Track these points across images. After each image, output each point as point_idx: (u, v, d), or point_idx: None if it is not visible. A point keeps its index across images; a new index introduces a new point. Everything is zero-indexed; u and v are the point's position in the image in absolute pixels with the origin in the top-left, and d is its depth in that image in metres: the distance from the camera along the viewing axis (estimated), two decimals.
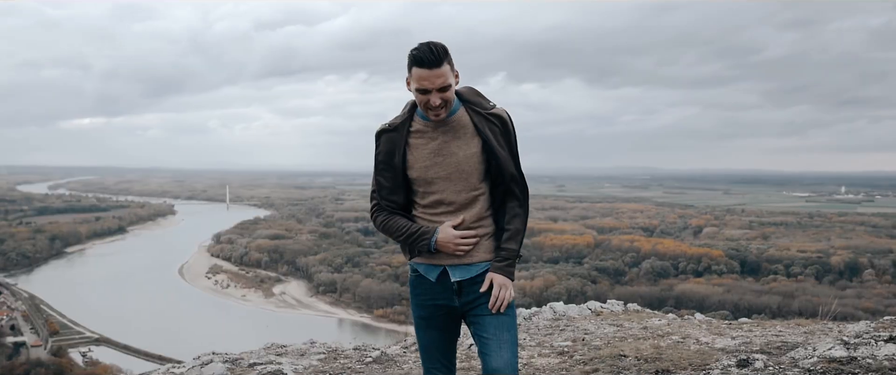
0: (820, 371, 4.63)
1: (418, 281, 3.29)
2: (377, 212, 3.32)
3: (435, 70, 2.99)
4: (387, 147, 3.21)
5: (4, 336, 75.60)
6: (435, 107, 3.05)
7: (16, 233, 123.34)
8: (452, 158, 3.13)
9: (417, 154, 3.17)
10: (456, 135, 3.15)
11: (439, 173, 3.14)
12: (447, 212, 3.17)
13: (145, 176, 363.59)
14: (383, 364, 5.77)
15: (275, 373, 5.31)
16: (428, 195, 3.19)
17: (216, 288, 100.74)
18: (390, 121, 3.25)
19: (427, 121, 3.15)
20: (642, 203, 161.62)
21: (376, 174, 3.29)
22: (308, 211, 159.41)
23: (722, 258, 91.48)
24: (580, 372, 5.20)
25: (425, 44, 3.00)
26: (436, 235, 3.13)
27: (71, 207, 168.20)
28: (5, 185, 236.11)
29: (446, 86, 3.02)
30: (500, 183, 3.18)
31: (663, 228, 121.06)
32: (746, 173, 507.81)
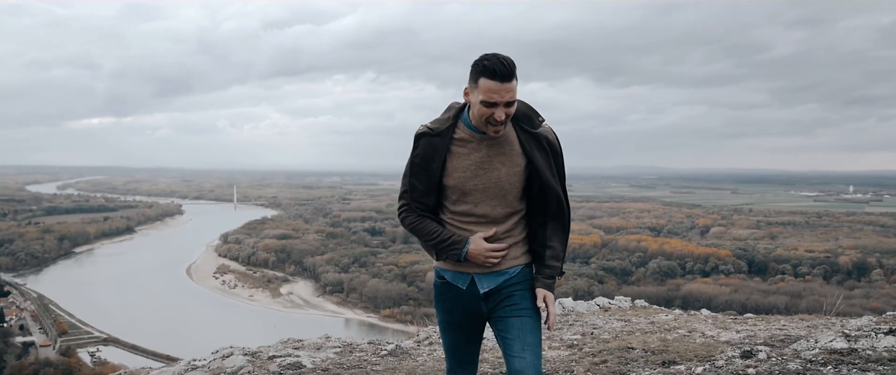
0: (821, 361, 4.80)
1: (445, 288, 3.25)
2: (406, 212, 3.22)
3: (506, 84, 2.93)
4: (426, 150, 3.12)
5: (14, 335, 75.88)
6: (499, 121, 2.98)
7: (25, 233, 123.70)
8: (494, 173, 3.08)
9: (458, 163, 3.10)
10: (501, 151, 3.09)
11: (478, 186, 3.09)
12: (478, 223, 3.12)
13: (153, 175, 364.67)
14: (398, 356, 5.92)
15: (294, 365, 5.49)
16: (461, 204, 3.13)
17: (224, 288, 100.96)
18: (433, 125, 3.16)
19: (473, 131, 3.08)
20: (649, 202, 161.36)
21: (411, 175, 3.18)
22: (315, 210, 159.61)
23: (729, 258, 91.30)
24: (589, 363, 5.32)
25: (495, 55, 2.94)
26: (467, 246, 3.09)
27: (79, 207, 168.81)
28: (14, 185, 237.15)
29: (513, 101, 2.97)
30: (540, 202, 3.16)
31: (670, 228, 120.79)
32: (754, 173, 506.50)
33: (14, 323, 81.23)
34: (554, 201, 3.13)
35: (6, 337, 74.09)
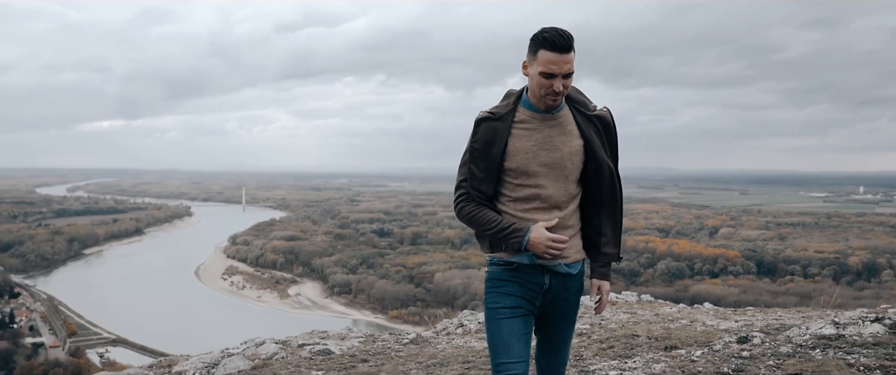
0: (810, 345, 5.08)
1: (508, 274, 3.11)
2: (464, 202, 3.14)
3: (565, 55, 2.91)
4: (487, 135, 3.07)
5: (24, 336, 76.10)
6: (558, 92, 2.97)
7: (35, 235, 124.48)
8: (557, 153, 3.05)
9: (520, 144, 3.06)
10: (562, 131, 3.08)
11: (541, 166, 3.05)
12: (540, 208, 3.07)
13: (163, 178, 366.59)
14: (419, 344, 6.17)
15: (323, 351, 5.73)
16: (523, 188, 3.07)
17: (232, 289, 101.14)
18: (493, 109, 3.14)
19: (534, 111, 3.07)
20: (658, 203, 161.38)
21: (469, 162, 3.11)
22: (323, 212, 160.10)
23: (738, 259, 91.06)
24: (598, 349, 5.63)
25: (554, 28, 2.93)
26: (529, 234, 3.01)
27: (89, 209, 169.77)
28: (25, 188, 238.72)
29: (571, 72, 2.96)
30: (595, 184, 3.11)
31: (679, 229, 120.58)
32: (764, 173, 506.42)
33: (24, 324, 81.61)
34: (608, 180, 3.10)
35: (16, 338, 74.46)
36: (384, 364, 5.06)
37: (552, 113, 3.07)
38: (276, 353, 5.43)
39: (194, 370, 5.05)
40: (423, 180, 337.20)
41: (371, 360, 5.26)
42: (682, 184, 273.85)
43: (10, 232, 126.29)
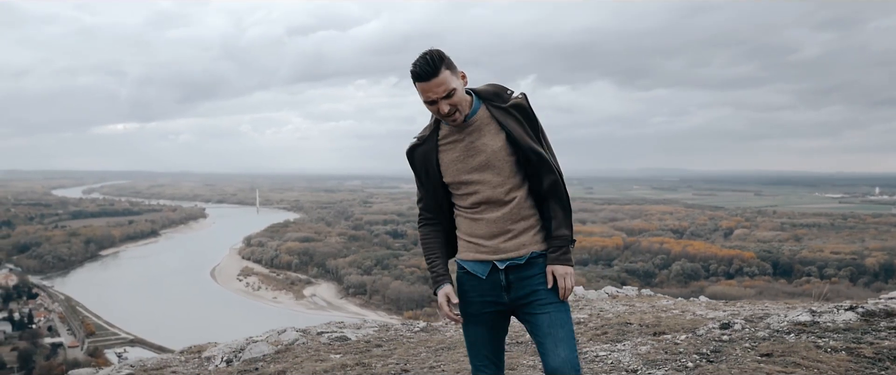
0: (786, 330, 5.42)
1: (465, 278, 3.24)
2: (421, 225, 3.32)
3: (433, 80, 2.97)
4: (420, 159, 3.20)
5: (42, 337, 76.86)
6: (446, 113, 3.03)
7: (51, 237, 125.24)
8: (481, 155, 3.10)
9: (448, 158, 3.15)
10: (481, 133, 3.12)
11: (471, 171, 3.12)
12: (488, 209, 3.13)
13: (177, 180, 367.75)
14: (429, 332, 6.57)
15: (340, 338, 6.17)
16: (466, 196, 3.15)
17: (248, 290, 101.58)
18: (419, 135, 3.24)
19: (452, 128, 3.15)
20: (672, 205, 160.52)
21: (418, 185, 3.26)
22: (337, 213, 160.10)
23: (753, 260, 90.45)
24: (592, 334, 6.01)
25: (420, 56, 2.99)
26: (438, 289, 3.17)
27: (104, 211, 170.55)
28: (41, 190, 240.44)
29: (450, 91, 3.00)
30: (532, 172, 3.13)
31: (693, 230, 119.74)
32: (778, 174, 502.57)
33: (42, 325, 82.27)
34: (538, 164, 3.11)
35: (35, 338, 75.21)
36: (396, 348, 5.44)
37: (466, 120, 3.12)
38: (297, 339, 5.87)
39: (222, 354, 5.48)
40: None
41: (384, 346, 5.63)
42: (696, 186, 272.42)
43: (27, 233, 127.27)
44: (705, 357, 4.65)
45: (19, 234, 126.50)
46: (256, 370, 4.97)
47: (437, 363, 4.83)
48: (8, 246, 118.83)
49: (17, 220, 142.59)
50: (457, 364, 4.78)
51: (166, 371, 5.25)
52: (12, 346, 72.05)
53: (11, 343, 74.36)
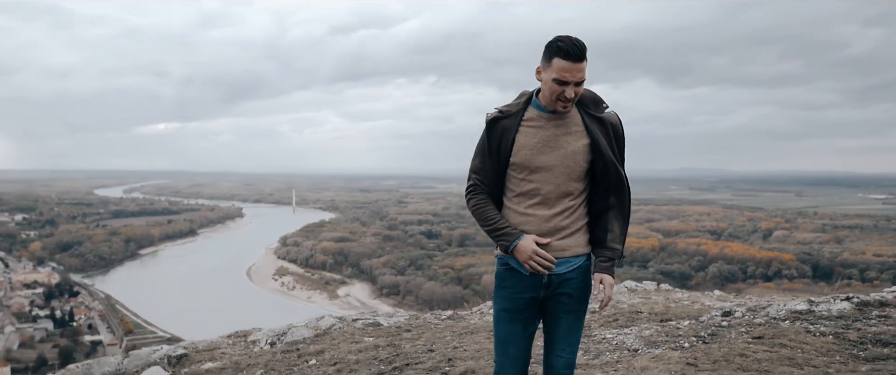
0: (783, 318, 5.80)
1: (507, 274, 3.29)
2: (473, 194, 3.32)
3: (578, 64, 3.06)
4: (499, 131, 3.24)
5: (83, 334, 78.45)
6: (569, 99, 3.11)
7: (93, 236, 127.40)
8: (560, 151, 3.17)
9: (526, 141, 3.19)
10: (567, 130, 3.20)
11: (544, 162, 3.18)
12: (540, 204, 3.19)
13: (215, 179, 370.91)
14: (455, 320, 7.01)
15: (374, 324, 6.67)
16: (526, 183, 3.21)
17: (283, 290, 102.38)
18: (504, 107, 3.29)
19: (542, 111, 3.21)
20: (709, 205, 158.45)
21: (480, 156, 3.30)
22: (372, 213, 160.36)
23: (793, 262, 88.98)
24: (604, 321, 6.41)
25: (569, 37, 3.09)
26: (517, 241, 3.15)
27: (144, 210, 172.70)
28: (83, 189, 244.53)
29: (583, 80, 3.11)
30: (602, 182, 3.23)
31: (731, 231, 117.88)
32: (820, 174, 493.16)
33: (83, 322, 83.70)
34: (615, 180, 3.22)
35: (75, 336, 76.76)
36: (424, 332, 5.93)
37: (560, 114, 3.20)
38: (334, 324, 6.38)
39: (266, 338, 6.02)
40: None
41: (413, 331, 6.11)
42: (735, 186, 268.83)
43: (69, 232, 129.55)
44: (702, 339, 5.06)
45: (62, 233, 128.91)
46: (297, 350, 5.49)
47: (459, 344, 5.30)
48: (51, 245, 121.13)
49: (60, 219, 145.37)
50: (477, 345, 5.24)
51: (216, 352, 5.78)
52: (54, 343, 73.54)
53: (53, 340, 75.88)
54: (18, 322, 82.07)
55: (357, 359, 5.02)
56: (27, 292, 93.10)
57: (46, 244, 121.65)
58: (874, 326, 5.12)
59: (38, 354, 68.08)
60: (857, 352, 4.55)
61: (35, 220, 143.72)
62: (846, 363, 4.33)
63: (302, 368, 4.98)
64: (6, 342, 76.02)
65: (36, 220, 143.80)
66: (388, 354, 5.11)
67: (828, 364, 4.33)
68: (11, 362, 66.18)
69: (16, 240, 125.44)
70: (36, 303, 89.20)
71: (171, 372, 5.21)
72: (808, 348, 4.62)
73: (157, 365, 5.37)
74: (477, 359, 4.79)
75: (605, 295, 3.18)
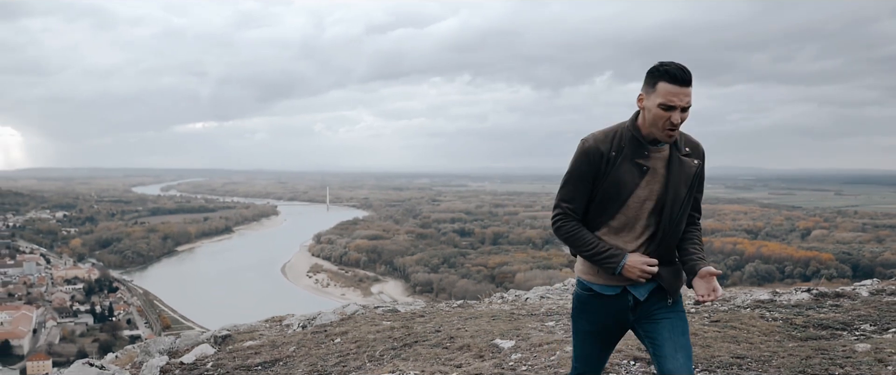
0: (745, 306, 6.31)
1: (589, 299, 3.26)
2: (563, 220, 3.22)
3: (685, 89, 3.01)
4: (594, 162, 3.12)
5: (122, 329, 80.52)
6: (675, 124, 3.02)
7: (131, 233, 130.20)
8: (655, 186, 3.11)
9: (628, 177, 3.09)
10: (667, 164, 3.12)
11: (649, 199, 3.12)
12: (635, 238, 3.16)
13: (251, 177, 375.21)
14: (465, 307, 7.68)
15: (392, 310, 7.39)
16: (620, 216, 3.15)
17: (317, 287, 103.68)
18: (602, 134, 3.18)
19: (640, 144, 3.12)
20: (746, 204, 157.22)
21: (572, 185, 3.19)
22: (405, 212, 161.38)
23: (832, 261, 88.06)
24: None
25: (673, 62, 3.03)
26: (624, 260, 3.09)
27: (181, 208, 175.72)
28: (122, 187, 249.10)
29: (688, 107, 3.04)
30: (691, 212, 3.29)
31: (768, 230, 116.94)
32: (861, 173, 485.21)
33: (122, 318, 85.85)
34: (699, 210, 3.34)
35: (115, 331, 78.79)
36: (435, 317, 6.74)
37: (659, 146, 3.12)
38: (357, 310, 7.28)
39: (298, 322, 6.91)
40: (504, 180, 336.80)
41: (426, 316, 6.90)
42: (773, 185, 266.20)
43: (109, 229, 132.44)
44: None
45: (101, 230, 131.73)
46: (325, 331, 6.36)
47: (462, 326, 6.12)
48: (91, 242, 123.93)
49: (99, 217, 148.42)
50: (477, 327, 6.06)
51: (255, 333, 6.69)
52: (94, 338, 75.45)
53: (93, 334, 77.89)
54: (60, 316, 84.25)
55: (375, 338, 5.88)
56: (68, 287, 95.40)
57: (86, 240, 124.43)
58: (823, 313, 5.83)
59: (78, 348, 69.54)
60: (796, 334, 5.24)
61: (75, 217, 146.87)
62: (781, 342, 5.01)
63: (328, 345, 5.84)
64: (48, 336, 78.12)
65: (76, 217, 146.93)
66: (402, 334, 5.96)
67: (762, 342, 5.02)
68: (53, 356, 67.74)
69: (57, 237, 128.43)
70: (76, 299, 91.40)
71: (217, 349, 6.10)
72: (754, 330, 5.34)
73: (205, 343, 6.27)
74: (474, 338, 5.63)
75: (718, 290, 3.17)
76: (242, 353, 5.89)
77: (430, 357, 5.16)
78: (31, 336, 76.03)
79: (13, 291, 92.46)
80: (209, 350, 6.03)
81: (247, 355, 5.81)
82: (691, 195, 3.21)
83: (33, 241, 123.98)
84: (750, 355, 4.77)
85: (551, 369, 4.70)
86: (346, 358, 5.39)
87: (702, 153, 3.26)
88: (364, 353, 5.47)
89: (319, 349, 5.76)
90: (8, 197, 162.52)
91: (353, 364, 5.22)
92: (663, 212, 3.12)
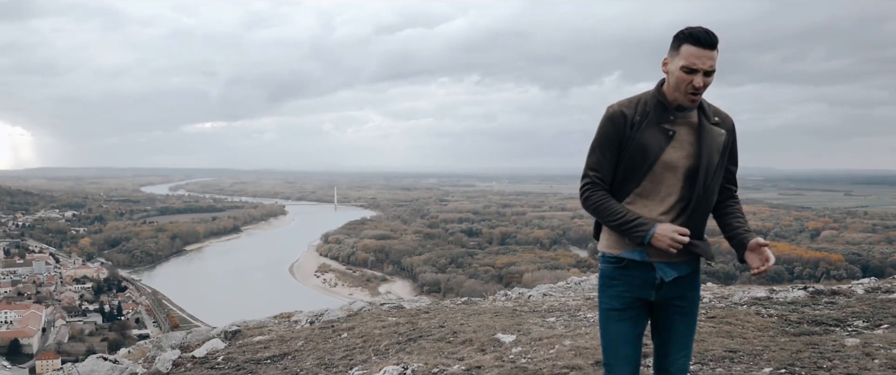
0: (742, 303, 6.46)
1: (617, 273, 3.15)
2: (591, 190, 3.13)
3: (709, 51, 2.96)
4: (619, 126, 3.08)
5: (130, 328, 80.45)
6: (698, 88, 2.98)
7: (140, 232, 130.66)
8: (682, 152, 3.05)
9: (649, 140, 3.04)
10: (695, 131, 3.07)
11: (676, 165, 3.05)
12: (666, 210, 3.09)
13: (259, 177, 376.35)
14: (469, 304, 7.87)
15: (398, 307, 7.63)
16: (647, 183, 3.08)
17: (325, 287, 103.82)
18: (627, 100, 3.14)
19: (666, 110, 3.08)
20: (755, 205, 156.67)
21: (599, 152, 3.12)
22: (413, 211, 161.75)
23: (841, 262, 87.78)
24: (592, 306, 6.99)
25: (700, 27, 3.00)
26: (654, 229, 2.98)
27: (189, 207, 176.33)
28: (131, 187, 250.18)
29: (713, 70, 2.99)
30: (726, 185, 3.24)
31: (777, 231, 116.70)
32: (871, 173, 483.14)
33: (130, 317, 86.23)
34: (735, 181, 3.28)
35: (123, 330, 78.68)
36: (439, 314, 6.92)
37: (686, 112, 3.08)
38: (364, 307, 7.47)
39: (306, 318, 7.10)
40: (512, 180, 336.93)
41: (431, 312, 7.09)
42: (782, 185, 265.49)
43: (117, 229, 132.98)
44: None
45: (110, 229, 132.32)
46: (332, 327, 6.55)
47: (465, 322, 6.30)
48: (100, 241, 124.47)
49: (108, 216, 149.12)
50: (480, 323, 6.24)
51: (265, 329, 6.88)
52: (102, 337, 75.63)
53: (102, 333, 78.10)
54: (69, 316, 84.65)
55: (381, 333, 6.07)
56: (77, 287, 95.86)
57: (95, 240, 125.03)
58: (818, 310, 5.97)
59: (87, 347, 69.70)
60: (789, 329, 5.39)
61: (84, 217, 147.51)
62: (774, 337, 5.15)
63: (335, 340, 6.03)
64: (57, 335, 78.52)
65: (85, 217, 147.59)
66: (407, 329, 6.14)
67: (756, 337, 5.17)
68: (62, 354, 67.97)
69: (66, 236, 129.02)
70: (85, 298, 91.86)
71: (228, 344, 6.29)
72: (749, 325, 5.49)
73: (216, 338, 6.46)
74: (476, 332, 5.80)
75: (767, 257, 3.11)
76: (252, 347, 6.07)
77: (433, 351, 5.34)
78: (40, 335, 76.34)
79: (23, 290, 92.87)
80: (220, 345, 6.22)
81: (256, 349, 6.00)
82: (723, 165, 3.15)
83: (43, 240, 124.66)
84: (742, 349, 4.93)
85: (550, 361, 4.85)
86: (353, 352, 5.58)
87: (731, 125, 3.20)
88: (370, 347, 5.66)
89: (327, 343, 5.95)
90: (18, 197, 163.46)
91: (359, 358, 5.41)
92: (696, 180, 3.05)
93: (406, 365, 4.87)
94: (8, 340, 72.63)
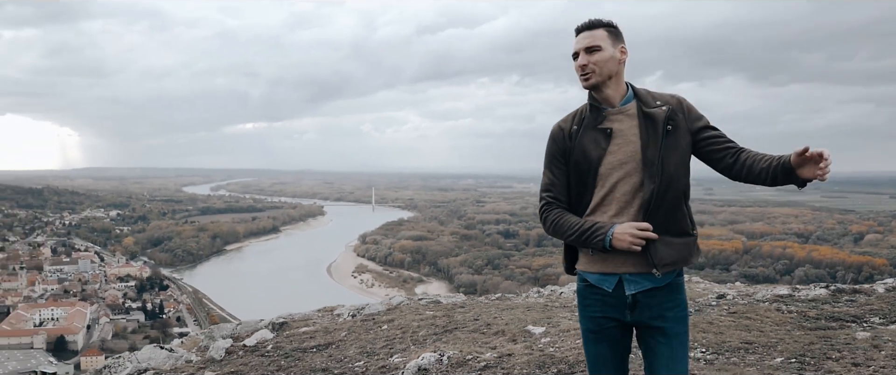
0: (765, 300, 6.62)
1: (587, 292, 3.03)
2: (547, 210, 3.04)
3: (585, 32, 2.96)
4: (559, 141, 3.03)
5: (171, 326, 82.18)
6: (583, 66, 2.94)
7: (181, 232, 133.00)
8: (628, 147, 2.91)
9: (590, 144, 2.94)
10: (632, 125, 2.94)
11: (625, 161, 2.91)
12: (626, 209, 2.90)
13: (298, 178, 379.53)
14: (503, 301, 8.15)
15: (435, 302, 7.96)
16: (602, 187, 2.94)
17: (361, 287, 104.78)
18: (568, 115, 3.09)
19: (600, 111, 2.99)
20: (797, 208, 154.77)
21: (549, 172, 3.06)
22: (450, 213, 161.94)
23: (885, 267, 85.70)
24: None
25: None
26: (612, 230, 2.82)
27: (230, 208, 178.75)
28: (173, 187, 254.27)
29: (593, 46, 2.92)
30: (724, 146, 2.97)
31: (820, 234, 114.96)
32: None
33: (172, 315, 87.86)
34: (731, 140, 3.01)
35: (165, 328, 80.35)
36: (474, 308, 7.30)
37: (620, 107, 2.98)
38: (403, 301, 7.88)
39: (348, 311, 7.52)
40: None
41: (466, 307, 7.48)
42: (824, 188, 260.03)
43: (160, 228, 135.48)
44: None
45: (153, 229, 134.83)
46: (373, 320, 6.96)
47: (498, 316, 6.66)
48: (143, 240, 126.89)
49: (151, 215, 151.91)
50: (512, 316, 6.61)
51: (310, 321, 7.30)
52: (144, 335, 76.99)
53: (144, 331, 79.64)
54: (112, 313, 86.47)
55: (419, 325, 6.46)
56: (120, 285, 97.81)
57: (138, 239, 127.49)
58: (838, 307, 6.20)
59: (130, 345, 70.94)
60: (806, 324, 5.65)
61: (128, 216, 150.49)
62: (790, 331, 5.42)
63: (376, 331, 6.44)
64: (101, 332, 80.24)
65: (129, 216, 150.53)
66: (443, 321, 6.52)
67: (773, 331, 5.43)
68: (105, 351, 69.07)
69: (110, 235, 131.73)
70: (129, 296, 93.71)
71: (275, 334, 6.72)
72: (768, 321, 5.76)
73: (264, 329, 6.90)
74: (508, 324, 6.18)
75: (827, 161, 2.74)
76: (298, 337, 6.50)
77: (468, 341, 5.72)
78: (85, 331, 78.13)
79: (68, 288, 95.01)
80: (268, 335, 6.65)
81: (302, 339, 6.42)
82: (678, 147, 2.93)
83: (88, 239, 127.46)
84: (758, 341, 5.20)
85: (576, 350, 5.17)
86: (393, 342, 5.97)
87: (676, 100, 3.00)
88: (408, 337, 6.06)
89: (368, 334, 6.35)
90: (65, 196, 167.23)
91: (398, 347, 5.80)
92: (652, 170, 2.87)
93: (442, 353, 5.23)
94: (54, 337, 74.37)
